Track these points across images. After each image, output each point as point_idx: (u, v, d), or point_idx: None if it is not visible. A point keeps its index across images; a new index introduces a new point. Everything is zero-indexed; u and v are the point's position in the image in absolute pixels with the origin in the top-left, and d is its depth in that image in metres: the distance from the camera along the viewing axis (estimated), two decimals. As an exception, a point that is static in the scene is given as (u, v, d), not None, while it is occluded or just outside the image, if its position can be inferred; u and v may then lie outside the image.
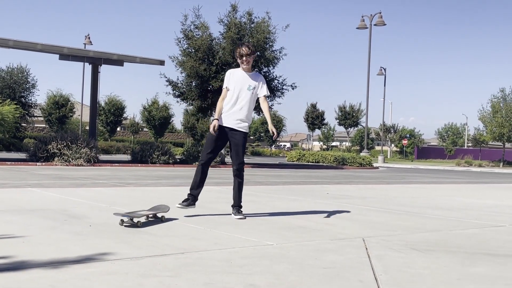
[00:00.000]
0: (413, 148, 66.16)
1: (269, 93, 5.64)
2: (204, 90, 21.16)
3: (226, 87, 5.58)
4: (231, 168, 5.81)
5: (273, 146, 66.76)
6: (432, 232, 5.09)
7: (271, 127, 5.51)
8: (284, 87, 21.97)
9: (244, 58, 5.47)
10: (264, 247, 3.94)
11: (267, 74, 21.73)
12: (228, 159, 28.59)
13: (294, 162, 31.16)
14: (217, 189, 9.68)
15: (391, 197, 9.03)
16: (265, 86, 5.61)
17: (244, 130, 5.52)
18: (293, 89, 22.35)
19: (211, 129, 5.41)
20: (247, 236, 4.38)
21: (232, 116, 5.47)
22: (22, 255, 3.39)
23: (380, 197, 9.02)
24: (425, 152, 62.84)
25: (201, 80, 20.52)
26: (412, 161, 53.10)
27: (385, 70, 46.16)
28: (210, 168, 5.84)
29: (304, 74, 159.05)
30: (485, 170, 32.72)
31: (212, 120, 5.49)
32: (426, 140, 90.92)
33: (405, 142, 61.72)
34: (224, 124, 5.47)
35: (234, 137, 5.49)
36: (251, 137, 75.36)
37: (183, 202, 5.56)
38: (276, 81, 21.85)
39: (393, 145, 68.82)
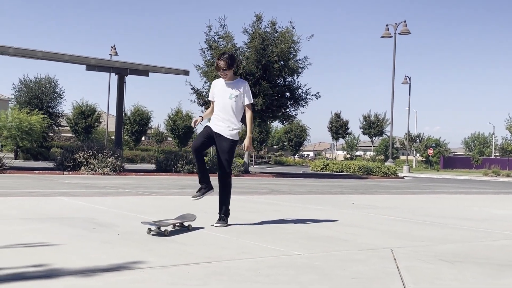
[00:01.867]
0: (439, 157, 65.25)
1: (252, 101, 5.59)
2: (228, 100, 21.20)
3: (212, 100, 5.67)
4: (255, 177, 5.86)
5: (296, 156, 66.59)
6: (460, 243, 5.02)
7: (246, 140, 5.71)
8: (308, 96, 21.97)
9: (220, 72, 5.52)
10: (291, 257, 3.95)
11: (291, 83, 21.77)
12: (251, 168, 28.63)
13: (318, 172, 31.02)
14: (242, 198, 9.70)
15: (417, 208, 8.93)
16: (248, 94, 5.56)
17: (230, 138, 5.54)
18: (317, 98, 22.34)
19: (192, 123, 5.56)
20: (273, 246, 4.39)
21: (220, 123, 5.55)
22: (53, 263, 3.47)
23: (406, 207, 8.93)
24: (451, 162, 61.91)
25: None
26: (438, 170, 52.33)
27: (409, 79, 45.78)
28: (233, 178, 5.88)
29: (329, 83, 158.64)
30: (513, 180, 32.04)
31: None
32: (452, 150, 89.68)
33: (430, 151, 60.94)
34: (213, 129, 5.56)
35: (221, 143, 5.54)
36: (274, 147, 75.34)
37: (197, 192, 5.68)
38: (300, 91, 21.85)
39: (418, 154, 67.99)
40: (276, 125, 67.43)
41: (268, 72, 20.51)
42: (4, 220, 5.45)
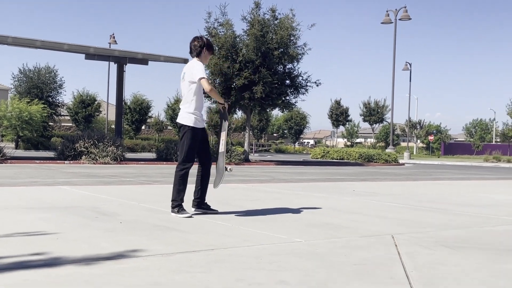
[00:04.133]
0: (439, 144, 65.25)
1: (201, 76, 5.19)
2: (227, 88, 21.21)
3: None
4: (256, 165, 5.92)
5: (296, 143, 66.61)
6: (462, 228, 5.04)
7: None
8: (308, 84, 21.90)
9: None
10: (293, 244, 3.97)
11: (291, 71, 21.70)
12: (252, 157, 28.66)
13: (318, 159, 31.04)
14: (243, 186, 9.72)
15: (418, 194, 8.96)
16: (194, 69, 5.24)
17: (182, 123, 5.35)
18: (317, 86, 22.26)
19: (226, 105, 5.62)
20: (275, 233, 4.41)
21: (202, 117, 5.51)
22: (57, 251, 3.48)
23: (407, 194, 8.95)
24: (452, 148, 61.93)
25: (224, 77, 20.59)
26: (438, 157, 52.34)
27: (410, 65, 45.65)
28: (234, 166, 5.92)
29: (329, 70, 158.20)
30: (514, 166, 32.07)
31: (224, 103, 5.61)
32: (453, 136, 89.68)
33: (431, 138, 60.93)
34: (202, 127, 5.48)
35: (205, 133, 5.63)
36: (274, 134, 75.34)
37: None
38: (300, 78, 21.79)
39: (419, 141, 68.00)
40: (276, 113, 67.42)
41: (268, 59, 20.44)
42: (6, 210, 5.46)
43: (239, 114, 53.27)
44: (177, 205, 5.31)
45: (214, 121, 52.31)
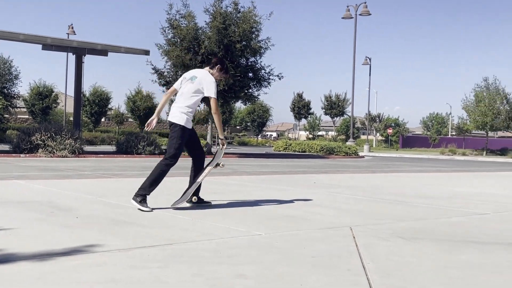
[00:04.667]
0: (398, 137, 66.59)
1: (214, 96, 5.47)
2: (189, 80, 21.00)
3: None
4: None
5: (259, 136, 66.80)
6: (419, 220, 5.15)
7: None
8: (271, 77, 21.96)
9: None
10: (252, 237, 3.96)
11: (254, 64, 21.70)
12: (214, 149, 28.55)
13: (281, 152, 31.22)
14: (205, 179, 9.65)
15: (377, 186, 9.11)
16: (209, 84, 5.50)
17: (174, 121, 5.53)
18: (280, 79, 22.36)
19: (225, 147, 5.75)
20: (235, 226, 4.39)
21: None
22: (10, 247, 3.37)
23: (366, 186, 9.09)
24: (410, 141, 63.38)
25: (186, 69, 20.36)
26: (397, 150, 53.47)
27: (370, 59, 46.32)
28: (188, 159, 5.98)
29: (290, 64, 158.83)
30: (468, 158, 33.08)
31: (223, 138, 5.73)
32: (411, 129, 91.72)
33: (390, 131, 62.17)
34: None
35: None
36: (237, 127, 75.29)
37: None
38: (263, 71, 21.84)
39: (378, 134, 69.29)
40: (239, 105, 67.34)
41: (230, 52, 20.35)
42: (-44, 205, 5.25)
43: (201, 107, 52.98)
44: (142, 195, 5.23)
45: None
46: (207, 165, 5.67)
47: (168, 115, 5.75)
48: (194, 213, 5.16)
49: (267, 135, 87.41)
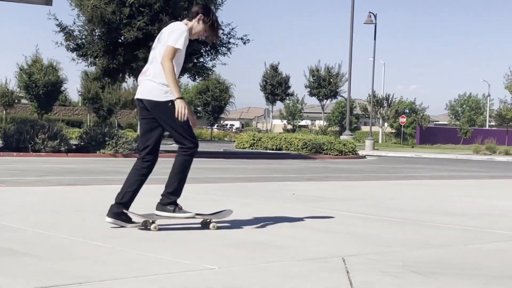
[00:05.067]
0: (414, 128, 67.53)
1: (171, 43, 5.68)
2: (112, 43, 20.85)
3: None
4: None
5: (215, 126, 66.65)
6: (441, 247, 5.23)
7: None
8: (231, 40, 21.95)
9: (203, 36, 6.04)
10: (202, 273, 3.96)
11: (206, 20, 21.60)
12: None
13: (246, 150, 31.26)
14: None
15: (384, 199, 9.20)
16: (173, 32, 5.78)
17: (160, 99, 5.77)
18: (244, 43, 22.40)
19: (182, 113, 5.54)
20: (178, 257, 4.39)
21: None
22: None
23: (368, 198, 9.18)
24: (431, 135, 64.31)
25: (108, 27, 20.22)
26: (413, 147, 54.29)
27: (375, 16, 46.80)
28: (122, 160, 5.97)
29: (262, 24, 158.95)
30: (514, 159, 33.81)
31: (178, 99, 5.56)
32: (433, 118, 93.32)
33: (403, 120, 62.97)
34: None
35: None
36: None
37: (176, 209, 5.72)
38: (220, 31, 21.72)
39: (386, 124, 70.12)
40: (185, 81, 67.09)
41: (172, 2, 20.25)
42: None
43: (130, 83, 52.60)
44: (174, 201, 5.66)
45: (92, 93, 51.35)
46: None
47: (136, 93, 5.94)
48: (118, 237, 5.13)
49: (227, 125, 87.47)
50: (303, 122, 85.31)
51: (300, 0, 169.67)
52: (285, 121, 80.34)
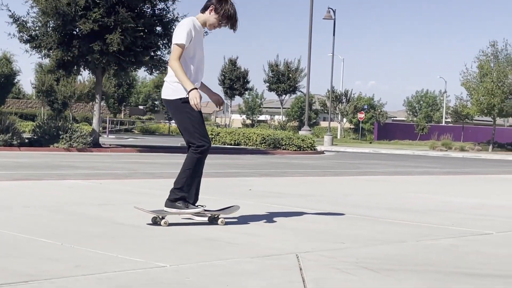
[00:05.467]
0: (372, 124, 68.23)
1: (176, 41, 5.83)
2: (67, 35, 20.60)
3: (184, 46, 5.83)
4: (109, 153, 5.98)
5: (172, 121, 66.50)
6: (394, 243, 5.27)
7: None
8: (189, 33, 21.84)
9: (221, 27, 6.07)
10: (152, 271, 3.92)
11: (164, 13, 21.56)
12: (104, 139, 28.15)
13: (204, 144, 31.16)
14: (85, 183, 9.51)
15: (340, 195, 9.26)
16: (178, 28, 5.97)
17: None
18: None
19: (195, 103, 5.61)
20: (127, 255, 4.33)
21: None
22: None
23: (325, 194, 9.22)
24: (389, 130, 65.06)
25: (62, 19, 19.95)
26: (370, 142, 54.86)
27: (334, 12, 47.04)
28: (75, 153, 5.91)
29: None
30: (469, 155, 34.38)
31: (191, 90, 5.60)
32: (391, 114, 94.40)
33: (361, 116, 63.55)
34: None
35: None
36: (141, 107, 74.55)
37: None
38: (177, 23, 21.67)
39: (345, 120, 70.74)
40: (143, 75, 66.74)
41: (129, -6, 20.11)
42: None
43: (85, 75, 52.12)
44: (181, 197, 5.78)
45: (46, 86, 50.64)
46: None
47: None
48: (67, 234, 5.05)
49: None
50: (262, 117, 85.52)
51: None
52: (244, 116, 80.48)
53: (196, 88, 5.65)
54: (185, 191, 5.81)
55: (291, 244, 5.02)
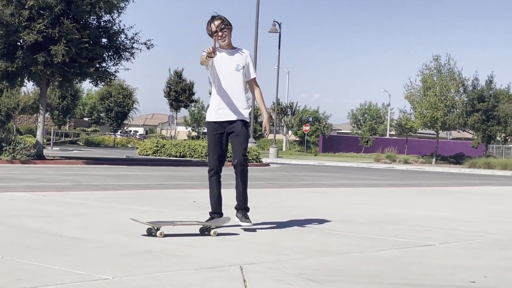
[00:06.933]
0: (317, 137, 68.81)
1: (256, 75, 6.49)
2: (11, 46, 20.28)
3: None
4: (53, 165, 5.88)
5: (118, 133, 65.92)
6: (337, 255, 5.30)
7: (265, 121, 6.59)
8: (135, 45, 21.84)
9: (218, 35, 6.29)
10: (95, 283, 3.86)
11: (110, 25, 21.45)
12: (48, 151, 27.71)
13: (150, 157, 31.02)
14: (29, 196, 9.33)
15: (284, 207, 9.29)
16: (253, 65, 6.47)
17: (246, 119, 6.47)
18: (148, 48, 22.33)
19: (209, 51, 6.08)
20: (69, 267, 4.26)
21: (230, 106, 6.34)
22: None
23: (269, 206, 9.25)
24: (334, 143, 65.76)
25: (6, 30, 19.63)
26: (316, 155, 55.32)
27: (279, 25, 47.39)
28: (19, 166, 5.81)
29: (166, 29, 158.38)
30: (412, 167, 34.99)
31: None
32: (336, 126, 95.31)
33: (306, 128, 64.07)
34: (223, 120, 6.36)
35: (236, 128, 6.40)
36: (86, 119, 73.71)
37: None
38: (123, 36, 21.65)
39: (290, 132, 71.16)
40: (88, 87, 66.01)
41: (74, 6, 19.91)
42: None
43: (29, 87, 51.29)
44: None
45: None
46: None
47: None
48: (7, 246, 4.94)
49: (130, 131, 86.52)
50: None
51: (205, 6, 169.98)
52: (189, 128, 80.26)
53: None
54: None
55: (235, 256, 5.01)
